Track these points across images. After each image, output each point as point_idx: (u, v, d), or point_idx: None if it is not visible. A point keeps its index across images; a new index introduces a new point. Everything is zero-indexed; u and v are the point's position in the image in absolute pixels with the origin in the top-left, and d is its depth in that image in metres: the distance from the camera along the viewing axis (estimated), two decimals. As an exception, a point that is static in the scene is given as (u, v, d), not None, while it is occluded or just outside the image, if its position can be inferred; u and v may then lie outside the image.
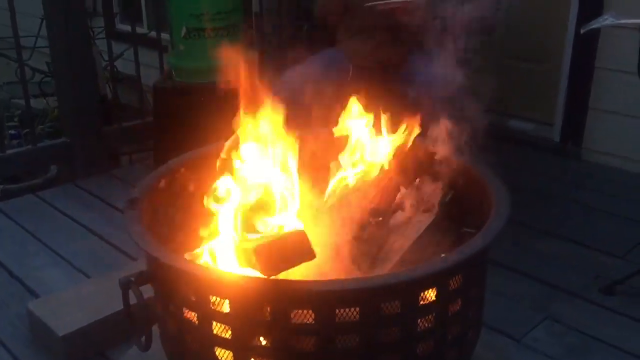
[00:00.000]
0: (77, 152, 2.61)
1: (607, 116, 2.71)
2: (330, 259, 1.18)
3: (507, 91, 3.13)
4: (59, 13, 2.48)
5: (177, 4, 2.46)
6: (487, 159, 2.77)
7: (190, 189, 1.40)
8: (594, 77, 2.72)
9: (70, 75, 2.54)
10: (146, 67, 3.24)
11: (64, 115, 2.66)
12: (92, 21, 4.93)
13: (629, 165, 2.68)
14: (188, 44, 2.47)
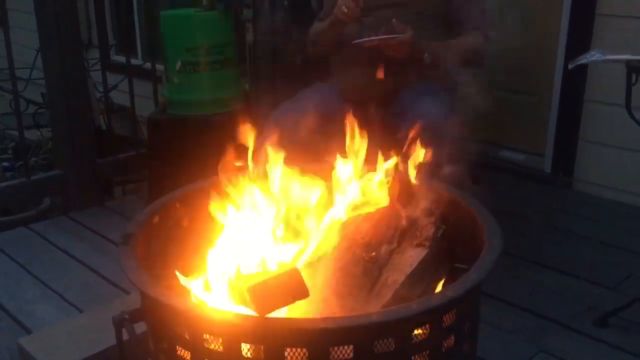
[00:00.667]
0: (70, 184, 2.61)
1: (597, 147, 2.75)
2: (323, 295, 1.18)
3: (498, 122, 3.17)
4: (54, 45, 2.50)
5: (172, 38, 2.50)
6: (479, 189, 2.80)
7: (184, 224, 1.41)
8: (583, 110, 2.76)
9: (64, 107, 2.56)
10: (141, 98, 3.27)
11: (58, 147, 2.67)
12: (88, 53, 5.00)
13: (620, 195, 2.70)
14: (183, 77, 2.50)
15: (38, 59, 3.37)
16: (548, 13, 2.86)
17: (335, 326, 0.97)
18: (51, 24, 2.47)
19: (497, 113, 3.14)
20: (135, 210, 2.48)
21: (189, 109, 2.52)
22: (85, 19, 5.25)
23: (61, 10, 2.47)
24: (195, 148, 2.40)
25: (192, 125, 2.45)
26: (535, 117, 3.02)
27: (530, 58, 2.99)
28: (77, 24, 2.62)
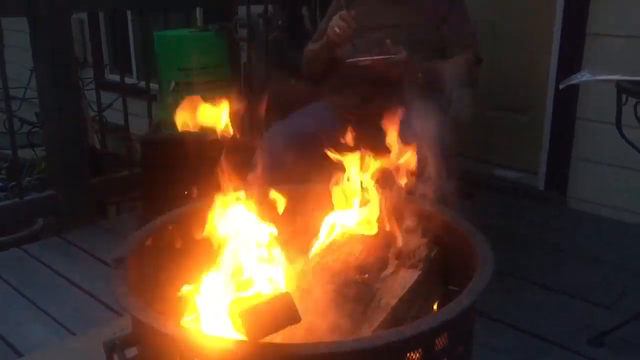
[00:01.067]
0: (63, 204, 2.60)
1: (590, 165, 2.76)
2: (316, 319, 1.18)
3: (492, 140, 3.19)
4: (48, 64, 2.51)
5: (166, 59, 2.51)
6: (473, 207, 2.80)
7: (177, 247, 1.40)
8: (575, 128, 2.78)
9: (58, 127, 2.56)
10: (135, 117, 3.27)
11: (52, 167, 2.67)
12: (82, 71, 5.01)
13: (614, 213, 2.71)
14: (176, 97, 2.50)
15: (32, 78, 3.39)
16: (539, 32, 2.89)
17: (327, 351, 0.97)
18: (45, 45, 2.48)
19: (490, 131, 3.18)
20: (129, 229, 2.48)
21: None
22: (80, 38, 5.27)
23: (55, 31, 2.47)
24: (189, 167, 2.39)
25: (186, 144, 2.45)
26: (528, 135, 3.04)
27: (523, 77, 3.02)
28: (72, 44, 2.63)
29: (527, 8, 2.96)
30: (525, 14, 2.97)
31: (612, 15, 2.58)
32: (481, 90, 2.75)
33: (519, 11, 2.99)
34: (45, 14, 2.43)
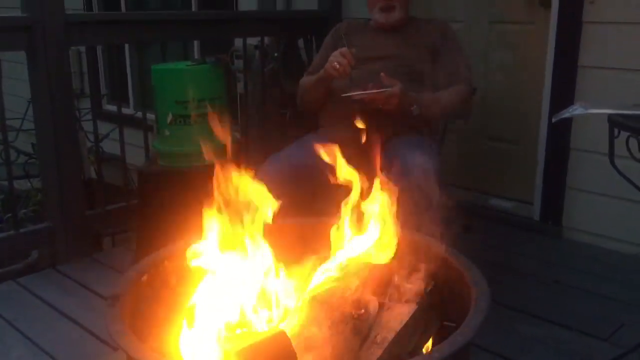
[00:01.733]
0: (59, 237, 2.60)
1: (585, 195, 2.78)
2: (312, 356, 1.17)
3: (487, 170, 3.21)
4: (45, 96, 2.52)
5: (163, 91, 2.53)
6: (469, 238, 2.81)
7: (172, 283, 1.40)
8: (569, 158, 2.80)
9: (54, 160, 2.56)
10: (133, 147, 3.29)
11: (48, 199, 2.67)
12: (80, 102, 5.05)
13: (609, 243, 2.72)
14: (173, 129, 2.52)
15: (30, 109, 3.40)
16: (532, 64, 2.93)
17: (324, 391, 0.96)
18: (43, 77, 2.49)
19: (485, 161, 3.20)
20: (124, 262, 2.49)
21: (180, 161, 2.53)
22: (78, 69, 5.32)
23: (53, 64, 2.50)
24: (185, 200, 2.39)
25: (183, 177, 2.46)
26: (523, 165, 3.06)
27: (517, 107, 3.05)
28: (69, 77, 2.65)
29: (519, 40, 3.00)
30: (518, 45, 3.01)
31: (603, 48, 2.62)
32: (475, 121, 2.78)
33: (511, 42, 3.03)
34: (43, 49, 2.45)
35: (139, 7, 5.26)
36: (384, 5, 2.38)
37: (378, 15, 2.41)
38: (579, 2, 2.63)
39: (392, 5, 2.38)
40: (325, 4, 3.53)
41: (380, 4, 2.38)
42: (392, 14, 2.39)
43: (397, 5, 2.38)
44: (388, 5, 2.37)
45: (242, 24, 3.27)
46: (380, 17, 2.40)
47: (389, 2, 2.37)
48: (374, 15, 2.43)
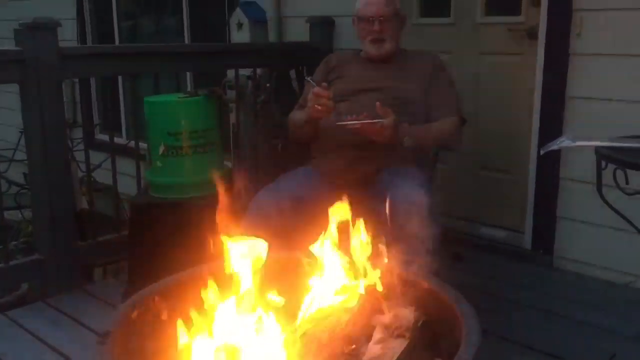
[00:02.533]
0: (49, 269, 2.58)
1: (575, 225, 2.79)
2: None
3: (478, 200, 3.23)
4: (37, 127, 2.52)
5: (156, 123, 2.54)
6: (460, 267, 2.82)
7: (163, 318, 1.39)
8: (559, 187, 2.82)
9: (46, 192, 2.56)
10: (125, 177, 3.29)
11: (38, 231, 2.66)
12: (72, 131, 5.05)
13: (600, 272, 2.73)
14: (165, 161, 2.53)
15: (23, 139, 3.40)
16: (522, 94, 2.97)
17: None
18: (35, 109, 2.50)
19: (476, 190, 3.22)
20: (115, 295, 2.47)
21: (172, 192, 2.53)
22: (71, 99, 5.35)
23: (46, 96, 2.51)
24: (177, 232, 2.40)
25: (175, 208, 2.46)
26: (513, 195, 3.08)
27: (507, 137, 3.08)
28: (62, 109, 2.66)
29: (508, 71, 3.05)
30: (507, 76, 3.05)
31: (589, 80, 2.66)
32: (466, 150, 2.80)
33: (501, 73, 3.08)
34: (36, 82, 2.47)
35: (133, 39, 5.31)
36: (374, 38, 2.41)
37: (369, 47, 2.44)
38: (566, 34, 2.68)
39: (382, 38, 2.41)
40: (316, 36, 3.58)
41: (371, 36, 2.42)
42: (383, 45, 2.42)
43: (388, 38, 2.42)
44: (379, 37, 2.41)
45: (235, 56, 3.31)
46: (371, 49, 2.44)
47: (380, 34, 2.41)
48: (365, 47, 2.47)
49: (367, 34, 2.42)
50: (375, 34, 2.40)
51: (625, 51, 2.55)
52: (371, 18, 2.40)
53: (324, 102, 2.14)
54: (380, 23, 2.39)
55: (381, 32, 2.40)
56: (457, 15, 3.20)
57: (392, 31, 2.43)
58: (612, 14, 2.57)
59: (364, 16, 2.43)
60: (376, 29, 2.40)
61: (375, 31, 2.40)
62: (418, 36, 3.25)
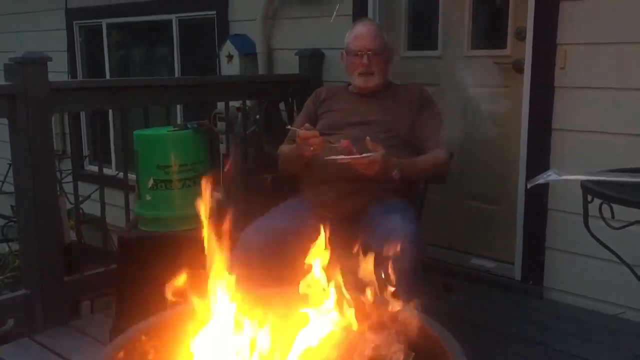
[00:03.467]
0: (36, 304, 2.55)
1: (565, 255, 2.80)
2: None
3: (468, 230, 3.24)
4: (26, 161, 2.51)
5: (145, 157, 2.54)
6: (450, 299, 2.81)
7: (149, 358, 1.38)
8: (547, 218, 2.83)
9: (33, 225, 2.54)
10: (114, 208, 3.28)
11: (25, 266, 2.63)
12: (61, 163, 5.05)
13: (591, 303, 2.73)
14: (154, 194, 2.52)
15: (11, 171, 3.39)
16: (509, 126, 3.00)
17: None
18: (24, 143, 2.50)
19: (466, 221, 3.23)
20: (103, 330, 2.44)
21: (161, 225, 2.52)
22: (61, 130, 5.35)
23: (35, 130, 2.51)
24: (166, 266, 2.37)
25: (163, 242, 2.44)
26: (503, 225, 3.09)
27: (496, 168, 3.11)
28: (51, 143, 2.66)
29: (495, 103, 3.08)
30: (494, 108, 3.08)
31: (574, 112, 2.70)
32: (455, 181, 2.82)
33: (487, 105, 3.11)
34: (25, 116, 2.47)
35: (124, 71, 5.34)
36: (363, 71, 2.44)
37: (357, 80, 2.47)
38: (550, 67, 2.73)
39: (371, 72, 2.44)
40: (305, 68, 3.61)
41: (359, 69, 2.45)
42: (371, 79, 2.45)
43: (376, 71, 2.45)
44: (367, 71, 2.44)
45: (225, 88, 3.33)
46: (360, 82, 2.47)
47: (368, 68, 2.44)
48: (354, 80, 2.50)
49: (356, 68, 2.46)
50: (363, 67, 2.44)
51: (608, 84, 2.59)
52: (360, 52, 2.43)
53: (313, 141, 2.16)
54: (369, 57, 2.43)
55: (369, 66, 2.44)
56: (445, 48, 3.25)
57: (380, 65, 2.46)
58: (595, 48, 2.62)
59: (353, 50, 2.46)
60: (365, 63, 2.43)
61: (363, 65, 2.43)
62: (406, 68, 3.30)
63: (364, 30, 2.50)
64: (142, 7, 4.76)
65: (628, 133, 2.56)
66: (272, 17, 3.86)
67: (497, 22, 3.13)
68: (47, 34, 5.60)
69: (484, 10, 3.18)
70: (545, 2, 2.71)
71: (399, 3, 3.38)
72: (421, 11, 3.43)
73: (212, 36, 4.27)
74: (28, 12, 5.85)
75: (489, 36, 3.17)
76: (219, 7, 4.17)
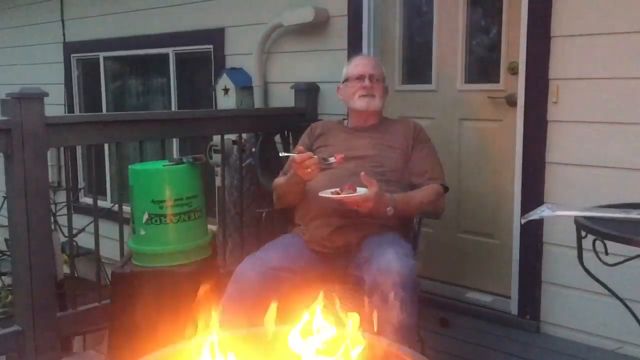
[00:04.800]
0: (28, 341, 2.51)
1: (561, 289, 2.79)
2: None
3: (464, 264, 3.23)
4: (20, 195, 2.50)
5: (140, 191, 2.54)
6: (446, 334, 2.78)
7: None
8: (543, 252, 2.83)
9: (27, 261, 2.52)
10: (109, 240, 3.26)
11: (18, 301, 2.60)
12: (56, 195, 5.04)
13: (587, 338, 2.71)
14: (149, 229, 2.51)
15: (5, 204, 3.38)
16: (503, 160, 3.02)
17: None
18: (19, 177, 2.49)
19: (462, 255, 3.22)
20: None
21: (155, 261, 2.50)
22: (56, 162, 5.35)
23: (30, 165, 2.50)
24: (159, 302, 2.37)
25: (157, 278, 2.43)
26: (499, 259, 3.08)
27: (490, 202, 3.11)
28: (46, 177, 2.64)
29: (489, 137, 3.10)
30: (488, 142, 3.11)
31: (568, 146, 2.71)
32: (450, 214, 2.82)
33: (481, 138, 3.13)
34: (20, 151, 2.47)
35: (120, 104, 5.37)
36: (365, 93, 2.46)
37: (358, 102, 2.48)
38: (543, 102, 2.76)
39: (373, 94, 2.47)
40: (301, 101, 3.64)
41: (361, 92, 2.47)
42: (373, 101, 2.47)
43: (377, 95, 2.48)
44: (369, 92, 2.46)
45: (221, 121, 3.34)
46: (362, 103, 2.47)
47: (370, 90, 2.46)
48: (354, 103, 2.49)
49: (357, 90, 2.47)
50: (366, 90, 2.46)
51: (601, 119, 2.62)
52: (362, 76, 2.47)
53: (309, 163, 2.17)
54: (371, 80, 2.46)
55: (372, 89, 2.46)
56: (439, 82, 3.28)
57: (380, 91, 2.50)
58: (586, 83, 2.65)
59: (354, 75, 2.49)
60: (367, 85, 2.46)
61: (366, 87, 2.46)
62: (400, 102, 3.33)
63: (364, 59, 2.59)
64: (139, 41, 4.81)
65: (621, 167, 2.57)
66: (268, 51, 3.91)
67: (490, 57, 3.17)
68: (44, 66, 5.65)
69: (477, 45, 3.23)
70: (537, 37, 2.75)
71: (393, 37, 3.42)
72: (415, 45, 3.48)
73: (209, 69, 4.32)
74: (26, 46, 5.92)
75: (483, 71, 3.21)
76: (216, 41, 4.22)
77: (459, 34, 3.16)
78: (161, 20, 4.61)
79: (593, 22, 2.61)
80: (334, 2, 3.54)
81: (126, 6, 4.88)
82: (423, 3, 3.39)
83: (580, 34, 2.64)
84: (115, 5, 4.98)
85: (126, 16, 4.90)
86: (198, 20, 4.34)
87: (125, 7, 4.90)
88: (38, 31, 5.73)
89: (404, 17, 3.41)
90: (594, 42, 2.61)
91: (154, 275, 2.46)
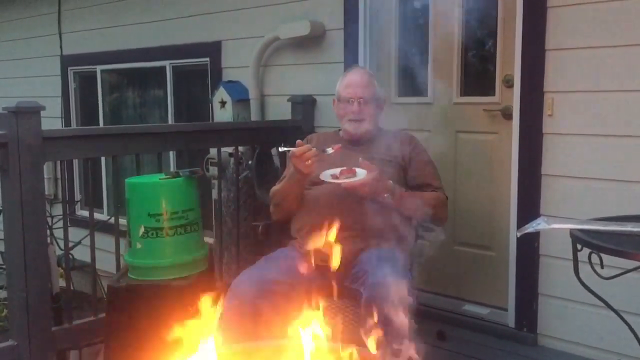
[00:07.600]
0: (23, 355, 2.50)
1: (558, 302, 2.79)
2: None
3: (461, 277, 3.22)
4: (16, 207, 2.50)
5: (136, 204, 2.53)
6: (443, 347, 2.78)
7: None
8: (539, 264, 2.83)
9: (22, 274, 2.51)
10: (105, 253, 3.24)
11: (13, 316, 2.60)
12: (53, 208, 5.03)
13: (585, 351, 2.70)
14: (145, 242, 2.50)
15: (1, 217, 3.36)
16: (499, 172, 3.03)
17: None
18: (15, 191, 2.49)
19: (458, 267, 3.22)
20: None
21: (151, 274, 2.50)
22: (53, 175, 5.34)
23: (27, 178, 2.50)
24: (156, 316, 2.35)
25: (153, 292, 2.42)
26: (496, 272, 3.08)
27: (487, 214, 3.12)
28: (42, 191, 2.65)
29: (485, 149, 3.11)
30: (484, 154, 3.11)
31: (563, 158, 2.72)
32: (446, 226, 2.82)
33: (477, 150, 3.14)
34: (17, 165, 2.47)
35: (117, 116, 5.37)
36: (353, 118, 2.49)
37: (348, 125, 2.52)
38: (539, 114, 2.77)
39: (361, 118, 2.49)
40: (298, 114, 3.65)
41: (349, 116, 2.49)
42: (361, 125, 2.50)
43: (366, 118, 2.50)
44: (357, 117, 2.48)
45: (217, 134, 3.35)
46: (350, 127, 2.51)
47: (359, 115, 2.48)
48: (344, 125, 2.54)
49: (346, 114, 2.51)
50: (354, 114, 2.48)
51: (595, 131, 2.63)
52: (351, 99, 2.48)
53: (308, 155, 2.19)
54: (359, 104, 2.48)
55: (360, 113, 2.48)
56: (435, 95, 3.30)
57: (370, 112, 2.51)
58: (581, 96, 2.67)
59: (344, 97, 2.52)
60: (355, 110, 2.48)
61: (354, 112, 2.48)
62: (396, 114, 3.33)
63: (355, 79, 2.55)
64: (136, 54, 4.82)
65: (616, 179, 2.58)
66: (264, 64, 3.93)
67: (485, 70, 3.18)
68: (42, 79, 5.66)
69: (472, 58, 3.25)
70: (532, 50, 2.77)
71: (390, 50, 3.44)
72: (411, 58, 3.49)
73: (206, 82, 4.33)
74: (24, 59, 5.93)
75: (478, 83, 3.23)
76: (213, 54, 4.24)
77: (455, 47, 3.18)
78: (158, 34, 4.63)
79: (587, 35, 2.62)
80: (330, 15, 3.56)
81: (123, 20, 4.90)
82: (419, 16, 3.41)
83: (574, 47, 2.66)
84: (112, 19, 5.00)
85: (123, 29, 4.92)
86: (195, 33, 4.36)
87: (122, 20, 4.92)
88: (35, 44, 5.75)
89: (400, 30, 3.43)
90: (588, 55, 2.63)
91: (150, 289, 2.45)
